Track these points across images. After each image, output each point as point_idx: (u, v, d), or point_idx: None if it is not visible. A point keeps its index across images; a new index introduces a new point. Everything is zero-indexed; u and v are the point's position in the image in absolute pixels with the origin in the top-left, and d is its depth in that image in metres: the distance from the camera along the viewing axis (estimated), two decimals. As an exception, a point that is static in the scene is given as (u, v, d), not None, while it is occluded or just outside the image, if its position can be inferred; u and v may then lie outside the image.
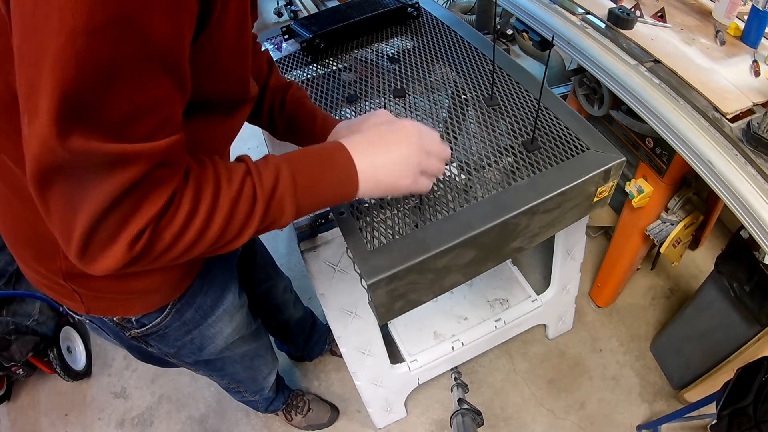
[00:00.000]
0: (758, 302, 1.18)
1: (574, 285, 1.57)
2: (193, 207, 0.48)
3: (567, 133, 0.85)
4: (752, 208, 0.87)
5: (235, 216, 0.51)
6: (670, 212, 1.37)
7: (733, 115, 0.99)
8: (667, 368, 1.62)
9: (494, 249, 0.79)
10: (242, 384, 1.22)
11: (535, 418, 1.58)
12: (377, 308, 0.73)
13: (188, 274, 0.79)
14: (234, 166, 0.53)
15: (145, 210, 0.45)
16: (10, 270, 1.66)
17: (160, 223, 0.47)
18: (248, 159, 0.55)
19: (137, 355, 0.93)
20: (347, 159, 0.59)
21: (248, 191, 0.52)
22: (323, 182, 0.58)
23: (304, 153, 0.59)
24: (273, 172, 0.53)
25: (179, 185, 0.48)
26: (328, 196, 0.59)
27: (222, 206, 0.50)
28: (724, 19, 1.23)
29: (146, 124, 0.43)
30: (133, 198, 0.44)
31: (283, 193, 0.54)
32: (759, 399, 0.96)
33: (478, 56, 1.05)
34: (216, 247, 0.53)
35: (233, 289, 0.93)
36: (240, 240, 0.54)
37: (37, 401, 1.74)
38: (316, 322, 1.62)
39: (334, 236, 0.94)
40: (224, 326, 0.93)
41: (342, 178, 0.59)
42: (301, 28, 1.13)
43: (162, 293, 0.76)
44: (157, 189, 0.46)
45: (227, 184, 0.51)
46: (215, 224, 0.50)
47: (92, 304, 0.73)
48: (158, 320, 0.79)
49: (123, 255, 0.46)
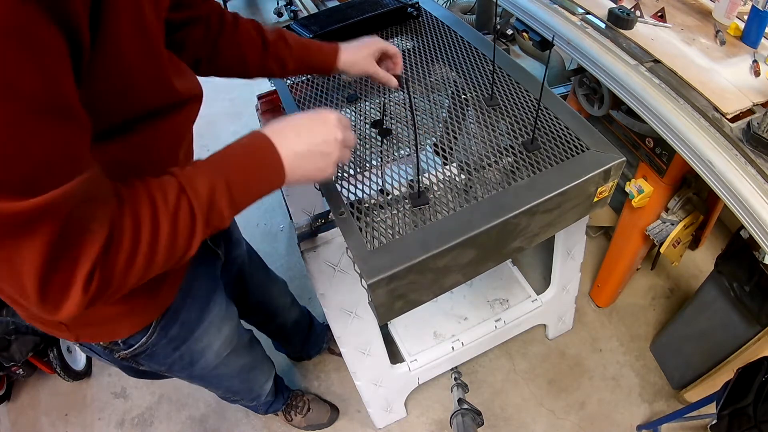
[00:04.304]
0: (758, 302, 1.18)
1: (574, 285, 1.57)
2: (134, 234, 0.48)
3: (567, 133, 0.85)
4: (752, 208, 0.87)
5: (178, 233, 0.52)
6: (670, 212, 1.37)
7: (733, 115, 0.99)
8: (667, 368, 1.62)
9: (494, 249, 0.79)
10: (238, 394, 1.22)
11: (535, 418, 1.58)
12: (377, 308, 0.73)
13: (169, 291, 0.79)
14: (167, 182, 0.52)
15: (87, 251, 0.45)
16: (10, 270, 1.66)
17: (107, 259, 0.47)
18: (178, 172, 0.54)
19: (131, 374, 0.92)
20: (274, 155, 0.59)
21: (185, 207, 0.52)
22: (255, 182, 0.59)
23: (233, 155, 0.58)
24: (206, 184, 0.53)
25: (114, 216, 0.47)
26: (260, 193, 0.60)
27: (163, 227, 0.50)
28: (724, 19, 1.23)
29: (52, 172, 0.42)
30: (70, 244, 0.44)
31: (220, 203, 0.54)
32: (759, 399, 0.96)
33: (478, 56, 1.05)
34: (171, 263, 0.53)
35: (219, 301, 0.92)
36: (191, 250, 0.54)
37: (37, 401, 1.74)
38: (313, 322, 1.62)
39: (334, 236, 0.94)
40: (212, 339, 0.92)
41: (272, 177, 0.60)
42: (301, 28, 1.13)
43: (145, 313, 0.77)
44: (91, 227, 0.45)
45: (163, 204, 0.51)
46: (160, 246, 0.50)
47: (80, 331, 0.74)
48: (144, 339, 0.79)
49: (81, 298, 0.46)
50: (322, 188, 0.83)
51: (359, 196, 0.80)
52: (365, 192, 0.81)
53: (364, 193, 0.81)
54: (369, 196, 0.80)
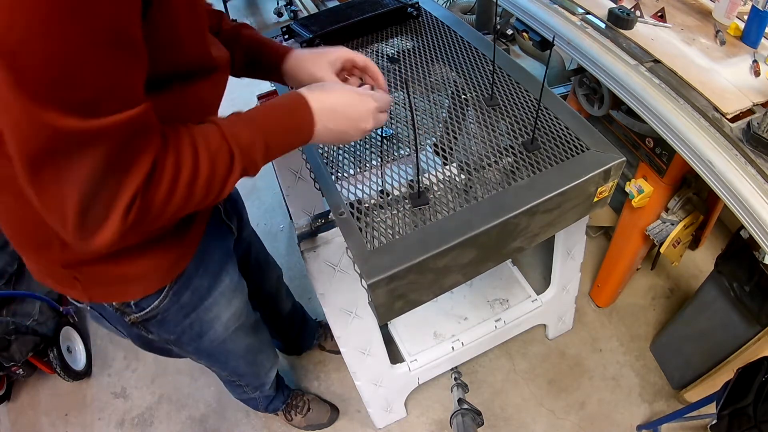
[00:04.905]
0: (758, 302, 1.18)
1: (574, 285, 1.57)
2: (176, 170, 0.52)
3: (567, 133, 0.85)
4: (752, 208, 0.87)
5: (216, 174, 0.56)
6: (670, 212, 1.37)
7: (733, 115, 0.99)
8: (667, 368, 1.62)
9: (494, 249, 0.79)
10: (244, 378, 1.22)
11: (535, 418, 1.58)
12: (377, 308, 0.73)
13: (184, 256, 0.80)
14: (208, 128, 0.57)
15: (131, 179, 0.48)
16: (10, 270, 1.66)
17: (148, 190, 0.50)
18: (219, 120, 0.59)
19: (138, 343, 0.93)
20: (310, 125, 0.66)
21: (225, 151, 0.56)
22: (287, 142, 0.65)
23: (273, 114, 0.64)
24: (247, 135, 0.59)
25: (159, 152, 0.51)
26: (287, 150, 0.66)
27: (202, 166, 0.54)
28: (724, 19, 1.23)
29: (113, 99, 0.46)
30: (117, 170, 0.47)
31: (256, 154, 0.60)
32: (759, 399, 0.96)
33: (478, 56, 1.05)
34: (205, 202, 0.57)
35: (231, 273, 0.94)
36: (224, 193, 0.59)
37: (37, 401, 1.74)
38: (306, 316, 1.64)
39: (334, 236, 0.94)
40: (222, 310, 0.93)
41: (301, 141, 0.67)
42: (301, 28, 1.13)
43: (158, 276, 0.78)
44: (138, 158, 0.49)
45: (204, 146, 0.55)
46: (198, 184, 0.54)
47: (92, 290, 0.75)
48: (156, 303, 0.80)
49: (119, 226, 0.49)
50: (322, 188, 0.83)
51: (359, 196, 0.80)
52: (365, 192, 0.81)
53: (364, 193, 0.81)
54: (369, 196, 0.80)
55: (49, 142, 0.43)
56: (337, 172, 0.87)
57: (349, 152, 0.91)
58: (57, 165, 0.45)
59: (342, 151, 0.92)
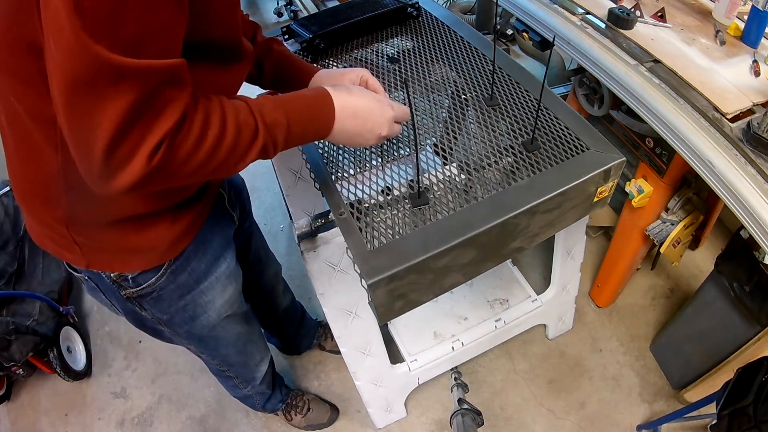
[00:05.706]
0: (758, 302, 1.18)
1: (574, 285, 1.57)
2: (203, 127, 0.55)
3: (567, 133, 0.85)
4: (752, 208, 0.87)
5: (240, 142, 0.59)
6: (670, 212, 1.37)
7: (733, 115, 0.99)
8: (667, 368, 1.62)
9: (494, 249, 0.79)
10: (234, 368, 1.22)
11: (535, 418, 1.58)
12: (377, 308, 0.73)
13: (186, 236, 0.81)
14: (238, 103, 0.60)
15: (160, 124, 0.51)
16: (10, 270, 1.66)
17: (175, 138, 0.52)
18: (249, 99, 0.62)
19: (131, 320, 0.94)
20: (330, 122, 0.69)
21: (251, 124, 0.60)
22: (306, 135, 0.68)
23: (300, 106, 0.67)
24: (272, 116, 0.62)
25: (189, 107, 0.54)
26: (304, 142, 0.71)
27: (228, 132, 0.57)
28: (724, 19, 1.23)
29: (155, 44, 0.49)
30: (149, 112, 0.50)
31: (278, 136, 0.63)
32: (759, 399, 0.96)
33: (478, 56, 1.05)
34: (223, 169, 0.59)
35: (228, 259, 0.95)
36: (244, 163, 0.62)
37: (37, 401, 1.74)
38: (305, 315, 1.64)
39: (334, 236, 0.94)
40: (216, 296, 0.94)
41: (318, 137, 0.70)
42: (301, 28, 1.13)
43: (159, 251, 0.79)
44: (170, 105, 0.51)
45: (233, 115, 0.58)
46: (222, 147, 0.57)
47: (92, 256, 0.76)
48: (153, 280, 0.81)
49: (142, 168, 0.51)
50: (322, 188, 0.83)
51: (359, 196, 0.80)
52: (365, 192, 0.81)
53: (364, 193, 0.81)
54: (369, 196, 0.80)
55: (90, 72, 0.45)
56: (337, 172, 0.87)
57: (349, 152, 0.92)
58: (94, 95, 0.47)
59: (342, 150, 0.92)
